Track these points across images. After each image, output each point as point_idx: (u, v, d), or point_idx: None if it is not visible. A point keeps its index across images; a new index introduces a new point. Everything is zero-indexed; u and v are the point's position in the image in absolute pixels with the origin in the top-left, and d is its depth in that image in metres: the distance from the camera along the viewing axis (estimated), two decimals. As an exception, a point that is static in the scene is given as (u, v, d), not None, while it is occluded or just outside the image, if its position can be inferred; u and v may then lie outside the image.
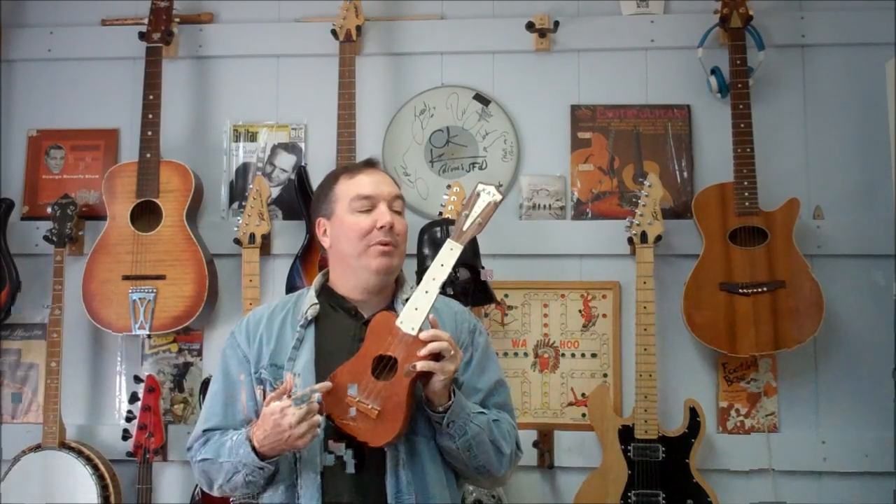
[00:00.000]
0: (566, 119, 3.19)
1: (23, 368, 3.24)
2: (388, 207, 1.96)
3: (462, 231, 1.88)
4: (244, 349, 1.98)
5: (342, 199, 1.98)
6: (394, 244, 1.94)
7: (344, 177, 2.01)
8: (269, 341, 1.97)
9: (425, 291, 1.84)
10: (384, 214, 1.94)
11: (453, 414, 1.81)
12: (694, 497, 2.79)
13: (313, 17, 3.28)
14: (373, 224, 1.93)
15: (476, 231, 1.88)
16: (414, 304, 1.83)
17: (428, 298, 1.83)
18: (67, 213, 3.09)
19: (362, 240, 1.93)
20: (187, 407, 3.17)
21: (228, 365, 1.99)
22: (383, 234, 1.92)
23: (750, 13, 3.00)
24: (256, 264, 3.02)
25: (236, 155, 3.29)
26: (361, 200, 1.95)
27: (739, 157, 2.93)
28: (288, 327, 1.97)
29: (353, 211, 1.96)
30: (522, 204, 3.16)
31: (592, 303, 3.09)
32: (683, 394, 2.96)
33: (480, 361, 1.99)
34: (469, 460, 1.87)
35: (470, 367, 1.97)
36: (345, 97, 3.05)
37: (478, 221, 1.88)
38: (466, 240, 1.88)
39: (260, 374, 1.94)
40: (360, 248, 1.94)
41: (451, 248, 1.87)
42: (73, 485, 2.93)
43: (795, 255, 2.88)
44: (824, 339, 2.98)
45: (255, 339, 1.98)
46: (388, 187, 2.00)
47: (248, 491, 1.88)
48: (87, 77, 3.35)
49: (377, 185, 1.98)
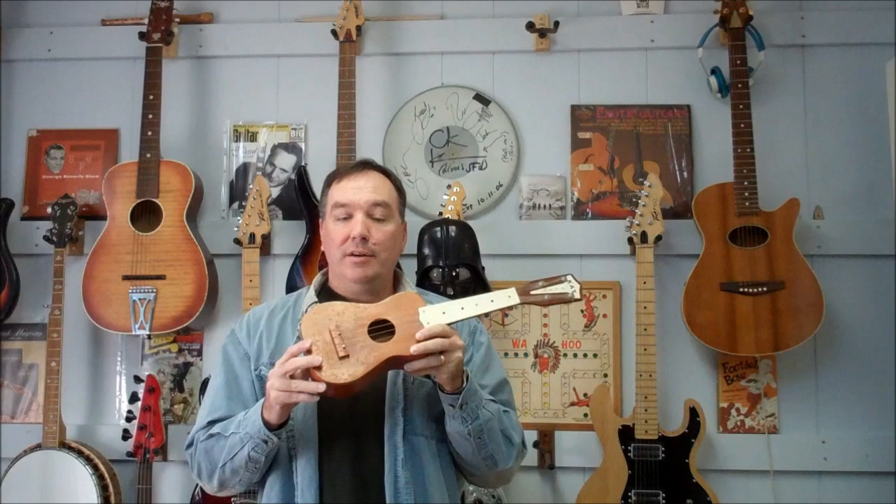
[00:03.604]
0: (566, 119, 3.19)
1: (23, 369, 3.24)
2: (364, 215, 1.93)
3: (528, 293, 1.85)
4: (245, 346, 1.98)
5: (329, 202, 1.99)
6: (370, 253, 1.92)
7: (335, 180, 2.01)
8: (270, 339, 1.97)
9: (461, 307, 1.82)
10: (356, 224, 1.92)
11: (466, 395, 1.79)
12: (694, 497, 2.79)
13: (313, 17, 3.28)
14: (347, 234, 1.92)
15: (537, 303, 1.86)
16: (444, 307, 1.81)
17: (459, 314, 1.81)
18: (67, 213, 3.08)
19: (338, 249, 1.94)
20: (187, 407, 3.17)
21: (230, 360, 1.98)
22: (354, 245, 1.91)
23: (750, 13, 3.00)
24: (256, 264, 3.02)
25: (236, 155, 3.29)
26: (339, 209, 1.95)
27: (739, 157, 2.93)
28: (288, 325, 1.97)
29: (334, 218, 1.96)
30: (522, 204, 3.16)
31: (594, 303, 3.09)
32: (683, 394, 2.96)
33: (484, 360, 1.99)
34: (478, 448, 1.85)
35: (472, 366, 1.96)
36: (345, 97, 3.05)
37: (545, 298, 1.85)
38: (526, 302, 1.85)
39: (260, 371, 1.94)
40: (337, 257, 1.95)
41: (510, 295, 1.84)
42: (73, 485, 2.93)
43: (795, 255, 2.88)
44: (824, 339, 2.98)
45: (255, 336, 1.98)
46: (368, 194, 1.95)
47: (247, 476, 1.85)
48: (87, 77, 3.35)
49: (356, 191, 1.95)
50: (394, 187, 2.02)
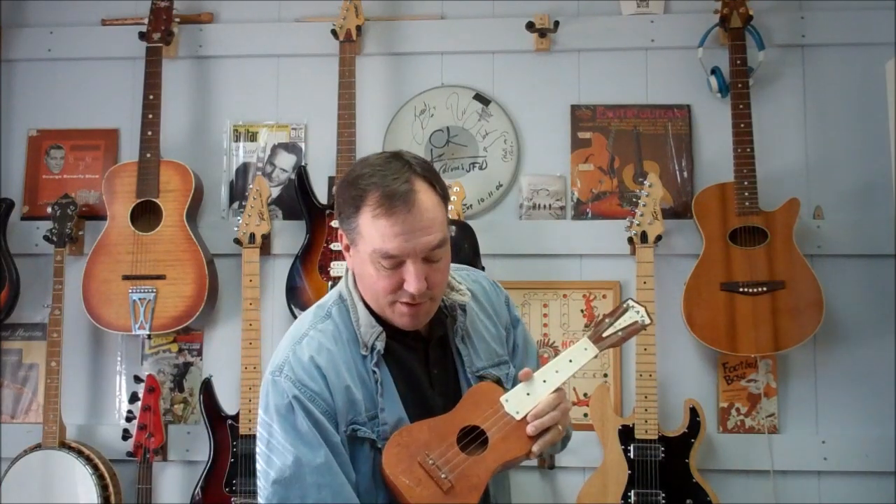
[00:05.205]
0: (566, 119, 3.19)
1: (23, 369, 3.23)
2: (422, 262, 1.58)
3: (602, 338, 1.73)
4: (327, 401, 1.58)
5: (366, 241, 1.58)
6: (429, 298, 1.62)
7: (371, 209, 1.57)
8: (357, 388, 1.61)
9: (543, 381, 1.65)
10: (413, 279, 1.57)
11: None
12: (694, 497, 2.79)
13: (313, 17, 3.28)
14: (398, 284, 1.59)
15: (614, 344, 1.73)
16: (527, 388, 1.64)
17: (545, 388, 1.64)
18: (67, 213, 3.08)
19: (385, 297, 1.61)
20: (187, 407, 3.17)
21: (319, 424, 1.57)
22: (409, 297, 1.59)
23: (750, 13, 3.00)
24: (256, 264, 3.02)
25: (236, 155, 3.29)
26: (387, 259, 1.57)
27: (739, 157, 2.93)
28: (360, 366, 1.64)
29: (376, 264, 1.59)
30: (522, 204, 3.16)
31: (594, 303, 3.09)
32: (683, 394, 2.96)
33: (525, 341, 1.87)
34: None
35: (517, 353, 1.84)
36: (345, 97, 3.05)
37: (619, 335, 1.73)
38: (604, 348, 1.73)
39: (356, 431, 1.60)
40: (384, 304, 1.63)
41: (586, 347, 1.71)
42: (73, 485, 2.93)
43: (795, 255, 2.88)
44: (824, 339, 2.98)
45: (339, 387, 1.60)
46: (426, 236, 1.56)
47: None
48: (87, 77, 3.35)
49: (409, 238, 1.56)
50: (441, 201, 1.65)
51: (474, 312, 1.78)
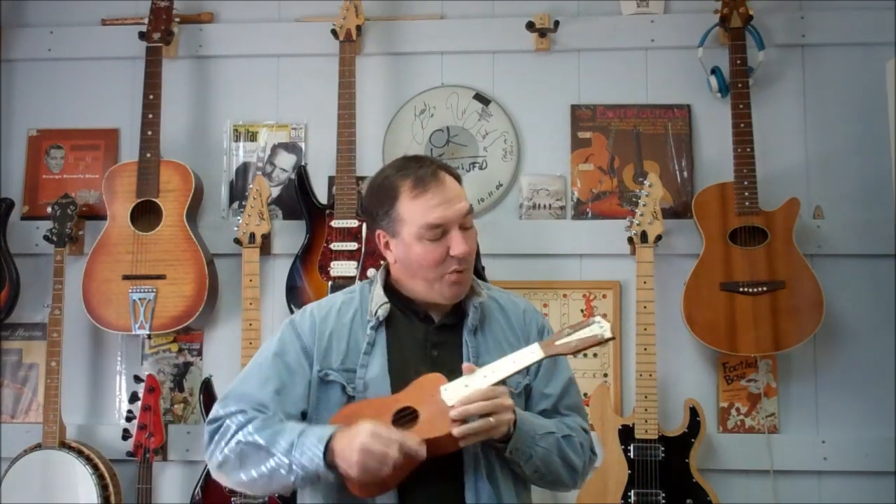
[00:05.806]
0: (566, 119, 3.19)
1: (23, 369, 3.23)
2: (461, 230, 1.80)
3: (553, 344, 1.76)
4: (306, 340, 1.85)
5: (409, 223, 1.80)
6: (468, 267, 1.82)
7: (408, 193, 1.81)
8: (341, 340, 1.84)
9: (484, 376, 1.73)
10: (457, 243, 1.79)
11: (514, 443, 1.75)
12: (694, 497, 2.79)
13: (313, 17, 3.28)
14: (445, 253, 1.79)
15: (565, 353, 1.77)
16: (467, 381, 1.73)
17: (483, 382, 1.73)
18: (67, 213, 3.08)
19: (435, 269, 1.80)
20: (187, 407, 3.17)
21: (286, 351, 1.84)
22: (457, 263, 1.80)
23: (750, 13, 3.00)
24: (256, 264, 3.02)
25: (236, 155, 3.29)
26: (433, 230, 1.79)
27: (739, 157, 2.93)
28: (359, 327, 1.86)
29: (422, 239, 1.79)
30: (522, 204, 3.16)
31: (594, 303, 3.09)
32: (683, 393, 2.96)
33: (549, 366, 1.90)
34: (537, 480, 1.83)
35: (539, 373, 1.90)
36: (345, 97, 3.05)
37: (573, 345, 1.76)
38: (551, 354, 1.76)
39: (327, 375, 1.82)
40: (433, 277, 1.81)
41: (532, 351, 1.76)
42: (73, 485, 2.93)
43: (796, 255, 2.88)
44: (824, 339, 2.98)
45: (324, 335, 1.85)
46: (459, 203, 1.81)
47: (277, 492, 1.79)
48: (87, 77, 3.35)
49: (448, 206, 1.79)
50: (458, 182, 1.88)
51: (494, 317, 1.92)
